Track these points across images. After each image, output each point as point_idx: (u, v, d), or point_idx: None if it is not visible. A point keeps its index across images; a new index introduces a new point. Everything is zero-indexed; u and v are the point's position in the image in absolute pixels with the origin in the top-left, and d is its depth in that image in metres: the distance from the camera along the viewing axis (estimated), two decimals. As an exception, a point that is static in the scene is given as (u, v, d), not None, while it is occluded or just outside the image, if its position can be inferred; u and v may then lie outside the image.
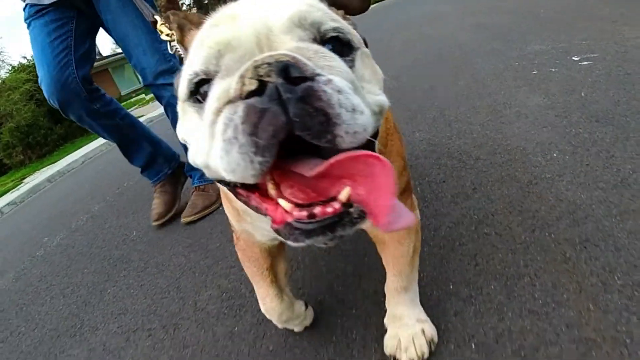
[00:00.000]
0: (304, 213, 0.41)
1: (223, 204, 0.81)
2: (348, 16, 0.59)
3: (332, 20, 0.47)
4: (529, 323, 0.84)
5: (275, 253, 0.87)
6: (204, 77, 0.46)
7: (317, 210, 0.40)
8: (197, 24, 0.59)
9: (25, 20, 1.79)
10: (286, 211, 0.42)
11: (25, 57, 14.75)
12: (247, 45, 0.44)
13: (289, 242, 0.43)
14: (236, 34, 0.45)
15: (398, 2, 13.75)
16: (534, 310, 0.86)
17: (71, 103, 1.80)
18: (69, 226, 3.06)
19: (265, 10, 0.46)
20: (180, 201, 2.24)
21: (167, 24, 1.26)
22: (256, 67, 0.40)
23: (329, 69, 0.42)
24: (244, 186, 0.46)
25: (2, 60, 15.62)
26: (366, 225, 0.57)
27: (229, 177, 0.41)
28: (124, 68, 20.32)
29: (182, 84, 0.50)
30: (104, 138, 2.08)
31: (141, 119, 3.08)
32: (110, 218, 2.77)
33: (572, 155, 1.37)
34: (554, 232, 1.05)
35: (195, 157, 0.49)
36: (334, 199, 0.41)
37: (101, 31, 1.92)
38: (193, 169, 2.15)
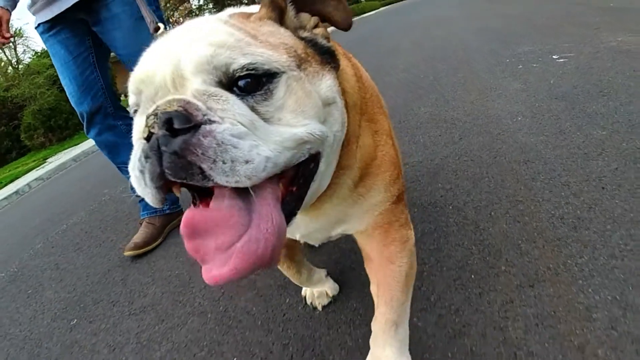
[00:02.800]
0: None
1: None
2: (322, 24, 0.60)
3: (244, 55, 0.47)
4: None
5: (291, 244, 0.93)
6: (136, 108, 0.53)
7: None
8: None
9: (41, 35, 1.78)
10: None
11: (49, 44, 15.30)
12: (160, 84, 0.48)
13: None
14: (151, 72, 0.49)
15: (410, 3, 14.28)
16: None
17: (97, 115, 1.80)
18: (90, 205, 3.46)
19: (182, 50, 0.48)
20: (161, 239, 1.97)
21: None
22: (147, 117, 0.44)
23: (222, 112, 0.44)
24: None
25: (27, 46, 16.18)
26: (356, 234, 0.73)
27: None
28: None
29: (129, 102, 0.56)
30: (114, 161, 1.94)
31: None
32: (124, 203, 2.91)
33: (531, 118, 1.91)
34: (509, 158, 1.60)
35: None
36: None
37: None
38: (142, 200, 1.99)
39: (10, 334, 1.68)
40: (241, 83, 0.47)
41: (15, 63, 15.69)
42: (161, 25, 1.04)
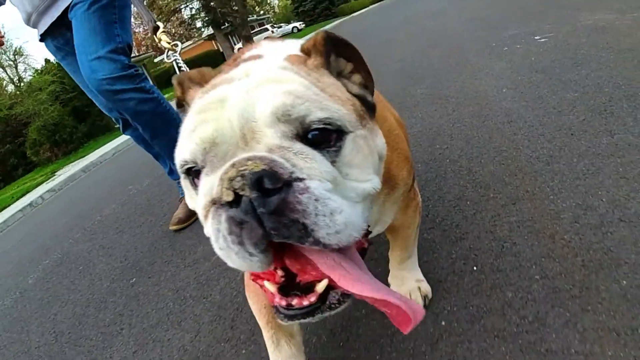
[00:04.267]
0: (283, 302, 0.46)
1: None
2: (358, 75, 0.59)
3: (322, 109, 0.46)
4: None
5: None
6: (192, 165, 0.49)
7: (295, 301, 0.46)
8: (198, 82, 0.61)
9: (52, 53, 1.90)
10: (272, 293, 0.47)
11: (49, 60, 15.65)
12: (231, 141, 0.46)
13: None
14: (220, 130, 0.46)
15: (400, 0, 14.59)
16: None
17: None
18: (119, 199, 3.87)
19: (252, 99, 0.46)
20: None
21: (167, 32, 1.36)
22: (230, 180, 0.42)
23: (308, 169, 0.44)
24: None
25: (28, 64, 16.53)
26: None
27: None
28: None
29: (177, 161, 0.52)
30: (151, 152, 2.11)
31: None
32: (154, 193, 3.14)
33: (514, 89, 2.19)
34: (495, 120, 1.88)
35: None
36: (312, 288, 0.46)
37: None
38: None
39: (71, 300, 1.94)
40: (317, 134, 0.46)
41: (17, 81, 16.05)
42: (160, 24, 1.03)
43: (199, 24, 25.80)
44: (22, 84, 15.91)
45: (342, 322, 1.04)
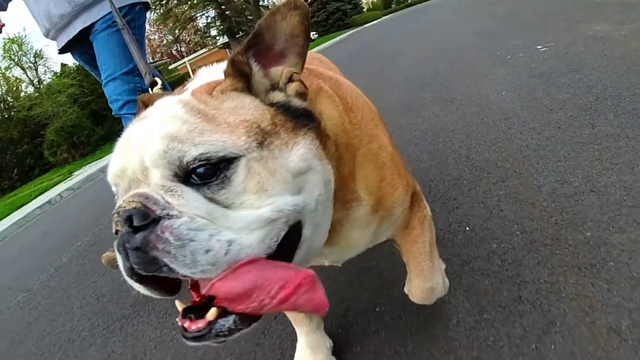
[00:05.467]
0: (180, 323, 0.48)
1: None
2: (295, 83, 0.57)
3: (195, 146, 0.47)
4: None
5: None
6: (116, 198, 0.54)
7: (187, 324, 0.47)
8: (146, 105, 0.64)
9: (72, 56, 1.98)
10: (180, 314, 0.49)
11: (66, 64, 16.22)
12: (132, 177, 0.51)
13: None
14: (124, 166, 0.51)
15: (410, 11, 14.97)
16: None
17: None
18: None
19: (146, 141, 0.49)
20: None
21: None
22: (112, 214, 0.47)
23: (179, 206, 0.46)
24: None
25: (47, 67, 17.14)
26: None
27: None
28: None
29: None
30: None
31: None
32: None
33: (513, 92, 2.40)
34: (493, 118, 2.09)
35: None
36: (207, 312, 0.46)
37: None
38: None
39: (109, 271, 2.16)
40: (199, 171, 0.47)
41: (37, 83, 16.63)
42: (158, 80, 1.04)
43: (214, 32, 26.55)
44: (41, 86, 16.48)
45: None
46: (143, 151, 0.49)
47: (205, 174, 0.48)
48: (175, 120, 0.50)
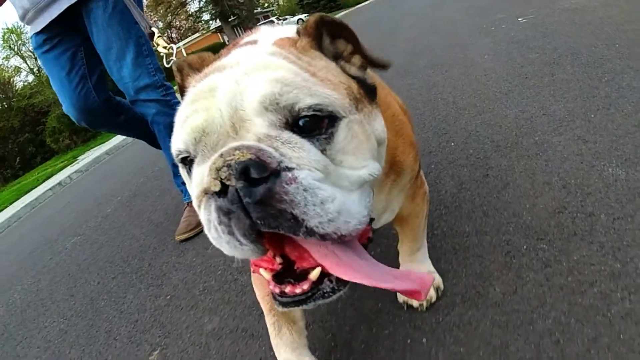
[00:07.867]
0: (277, 290, 0.47)
1: None
2: (357, 56, 0.59)
3: (311, 95, 0.46)
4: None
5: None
6: (186, 155, 0.51)
7: (288, 289, 0.47)
8: (197, 68, 0.61)
9: (34, 49, 1.79)
10: (268, 281, 0.48)
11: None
12: (221, 131, 0.46)
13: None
14: (210, 119, 0.46)
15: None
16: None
17: (99, 123, 1.89)
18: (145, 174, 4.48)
19: (241, 88, 0.46)
20: None
21: (163, 37, 1.31)
22: (217, 170, 0.42)
23: (297, 159, 0.44)
24: None
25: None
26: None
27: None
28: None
29: (173, 151, 0.53)
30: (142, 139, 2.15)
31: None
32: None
33: (493, 55, 2.82)
34: (476, 74, 2.52)
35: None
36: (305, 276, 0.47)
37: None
38: (184, 184, 1.96)
39: (136, 235, 2.58)
40: (306, 122, 0.46)
41: (37, 71, 16.74)
42: (155, 30, 1.00)
43: (206, 16, 26.44)
44: (41, 74, 16.59)
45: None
46: (241, 99, 0.46)
47: (310, 126, 0.47)
48: (282, 67, 0.49)
